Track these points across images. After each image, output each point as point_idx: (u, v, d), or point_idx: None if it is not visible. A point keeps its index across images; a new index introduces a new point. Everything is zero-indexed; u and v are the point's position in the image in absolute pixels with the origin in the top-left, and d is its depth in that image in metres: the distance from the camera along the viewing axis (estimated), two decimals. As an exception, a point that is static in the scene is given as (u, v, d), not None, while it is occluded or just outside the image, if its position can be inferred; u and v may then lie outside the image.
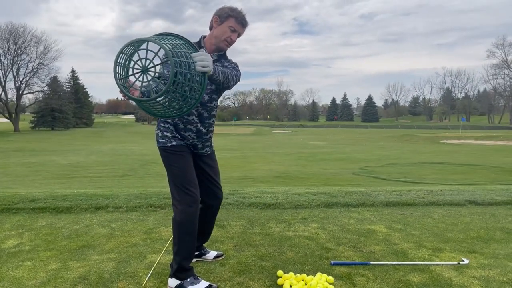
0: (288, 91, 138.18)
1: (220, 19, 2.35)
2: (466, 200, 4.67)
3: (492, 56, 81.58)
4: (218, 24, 2.36)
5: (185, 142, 2.47)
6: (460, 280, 2.48)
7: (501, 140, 38.90)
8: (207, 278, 2.50)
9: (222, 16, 2.35)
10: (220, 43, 2.37)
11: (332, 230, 3.59)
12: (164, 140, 2.44)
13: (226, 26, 2.33)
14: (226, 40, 2.35)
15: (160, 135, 2.46)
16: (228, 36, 2.34)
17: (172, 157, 2.42)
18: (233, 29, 2.34)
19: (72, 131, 57.69)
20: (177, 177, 2.39)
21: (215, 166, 2.70)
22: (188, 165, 2.44)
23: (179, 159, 2.42)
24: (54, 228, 3.66)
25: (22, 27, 55.08)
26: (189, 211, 2.36)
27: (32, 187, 8.86)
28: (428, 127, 77.99)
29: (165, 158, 2.45)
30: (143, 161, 16.63)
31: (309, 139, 45.95)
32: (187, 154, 2.47)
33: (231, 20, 2.33)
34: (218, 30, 2.36)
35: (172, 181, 2.42)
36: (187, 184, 2.38)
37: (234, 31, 2.35)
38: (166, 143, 2.43)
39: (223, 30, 2.34)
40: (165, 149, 2.43)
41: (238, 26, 2.35)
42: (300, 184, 9.42)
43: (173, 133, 2.43)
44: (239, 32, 2.39)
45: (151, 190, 5.34)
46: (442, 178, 11.05)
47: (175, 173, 2.40)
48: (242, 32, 2.41)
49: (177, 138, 2.44)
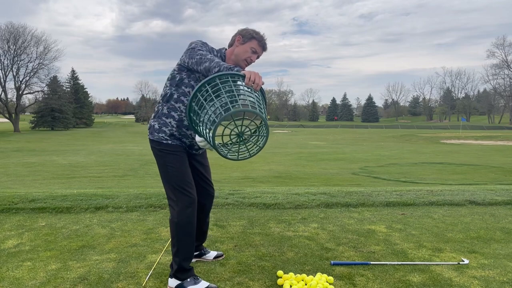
0: (288, 91, 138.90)
1: (243, 39, 2.42)
2: (466, 200, 4.67)
3: (492, 56, 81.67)
4: (241, 43, 2.43)
5: (182, 142, 2.44)
6: (460, 280, 2.48)
7: (501, 140, 38.89)
8: (207, 278, 2.50)
9: (245, 37, 2.42)
10: (240, 61, 2.43)
11: (332, 230, 3.59)
12: (161, 135, 2.41)
13: (249, 46, 2.41)
14: (246, 60, 2.42)
15: (157, 128, 2.42)
16: (248, 56, 2.41)
17: (168, 157, 2.40)
18: (254, 50, 2.42)
19: (72, 131, 57.68)
20: (174, 178, 2.38)
21: (207, 164, 2.71)
22: (185, 165, 2.44)
23: (175, 159, 2.40)
24: (54, 228, 3.66)
25: (22, 27, 55.04)
26: (187, 212, 2.36)
27: (32, 187, 8.86)
28: (428, 127, 77.97)
29: (160, 157, 2.42)
30: (143, 161, 16.62)
31: (309, 139, 45.94)
32: (183, 154, 2.45)
33: (254, 42, 2.41)
34: (240, 49, 2.43)
35: (168, 182, 2.40)
36: (184, 185, 2.37)
37: (254, 53, 2.43)
38: (161, 139, 2.40)
39: (245, 49, 2.41)
40: (160, 145, 2.41)
41: (259, 49, 2.43)
42: (300, 184, 9.42)
43: (172, 131, 2.40)
44: (259, 54, 2.46)
45: (151, 190, 5.34)
46: (442, 178, 11.05)
47: (172, 173, 2.38)
48: (261, 55, 2.49)
49: (174, 137, 2.41)
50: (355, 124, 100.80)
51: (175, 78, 2.39)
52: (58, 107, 58.37)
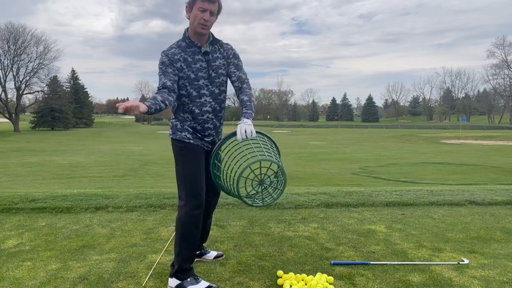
0: (288, 91, 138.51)
1: (190, 6, 2.38)
2: (466, 200, 4.67)
3: (492, 56, 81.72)
4: (189, 11, 2.39)
5: (204, 141, 2.49)
6: (460, 280, 2.48)
7: (501, 140, 38.89)
8: (207, 278, 2.50)
9: (190, 3, 2.37)
10: (196, 28, 2.38)
11: (332, 230, 3.59)
12: (183, 133, 2.43)
13: (196, 9, 2.34)
14: (200, 22, 2.35)
15: (180, 127, 2.45)
16: (200, 18, 2.34)
17: (188, 156, 2.41)
18: (202, 9, 2.33)
19: (72, 131, 57.69)
20: (189, 179, 2.39)
21: None
22: (201, 168, 2.46)
23: (194, 160, 2.42)
24: (54, 228, 3.66)
25: (21, 27, 55.10)
26: (194, 214, 2.37)
27: (32, 187, 8.85)
28: (428, 127, 77.96)
29: (180, 155, 2.43)
30: (143, 161, 16.62)
31: (309, 139, 45.93)
32: (202, 156, 2.48)
33: (198, 2, 2.34)
34: (191, 17, 2.38)
35: (182, 181, 2.41)
36: (198, 188, 2.39)
37: (204, 11, 2.33)
38: (183, 138, 2.43)
39: (194, 14, 2.35)
40: (182, 143, 2.42)
41: (205, 4, 2.33)
42: (300, 184, 9.41)
43: (193, 130, 2.45)
44: (210, 10, 2.35)
45: (151, 190, 5.34)
46: (442, 178, 11.05)
47: (188, 174, 2.40)
48: (214, 9, 2.37)
49: (196, 137, 2.45)
50: (355, 124, 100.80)
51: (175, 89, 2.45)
52: (58, 107, 58.40)
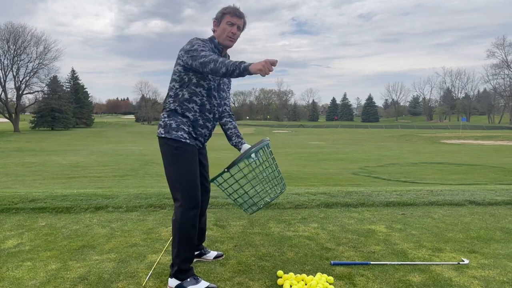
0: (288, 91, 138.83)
1: (217, 21, 2.48)
2: (466, 200, 4.67)
3: (492, 56, 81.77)
4: (217, 25, 2.48)
5: (198, 141, 2.49)
6: (460, 280, 2.48)
7: (501, 140, 38.87)
8: (207, 278, 2.50)
9: (218, 18, 2.48)
10: (224, 41, 2.47)
11: (332, 230, 3.59)
12: (179, 133, 2.41)
13: (224, 23, 2.45)
14: (228, 35, 2.45)
15: (175, 127, 2.41)
16: (228, 31, 2.44)
17: (184, 156, 2.40)
18: (230, 23, 2.44)
19: (72, 131, 57.68)
20: (185, 180, 2.38)
21: (206, 164, 2.71)
22: (197, 169, 2.46)
23: (190, 161, 2.41)
24: (54, 228, 3.66)
25: (21, 27, 55.08)
26: (191, 214, 2.37)
27: (32, 187, 8.85)
28: (428, 127, 77.98)
29: (175, 155, 2.39)
30: (143, 161, 16.61)
31: (309, 139, 45.94)
32: (196, 156, 2.47)
33: (226, 17, 2.45)
34: (219, 30, 2.47)
35: (177, 182, 2.39)
36: (194, 188, 2.39)
37: (232, 25, 2.44)
38: (179, 137, 2.40)
39: (222, 28, 2.45)
40: (177, 143, 2.39)
41: (234, 19, 2.44)
42: (300, 184, 9.40)
43: (189, 130, 2.44)
44: (237, 25, 2.45)
45: (151, 190, 5.34)
46: (442, 178, 11.04)
47: (184, 175, 2.38)
48: (241, 24, 2.47)
49: (191, 136, 2.45)
50: (355, 124, 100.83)
51: (184, 79, 2.41)
52: (58, 107, 58.41)
